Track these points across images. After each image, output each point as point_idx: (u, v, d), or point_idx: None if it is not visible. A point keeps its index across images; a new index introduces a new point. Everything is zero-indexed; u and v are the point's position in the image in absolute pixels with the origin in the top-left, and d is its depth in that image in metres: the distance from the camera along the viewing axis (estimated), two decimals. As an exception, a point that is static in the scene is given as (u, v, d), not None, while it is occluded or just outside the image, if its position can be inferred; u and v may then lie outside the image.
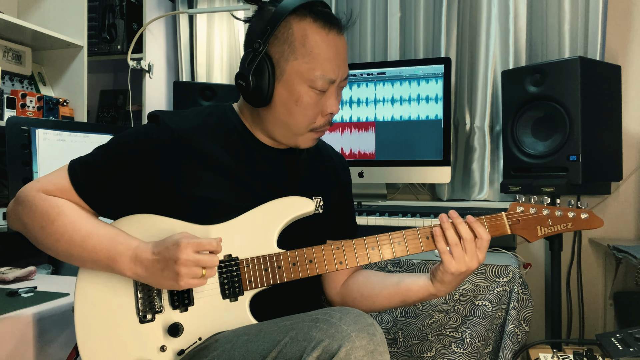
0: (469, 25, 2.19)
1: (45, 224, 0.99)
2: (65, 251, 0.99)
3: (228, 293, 1.01)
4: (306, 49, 1.01)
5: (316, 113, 1.06)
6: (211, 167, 1.05)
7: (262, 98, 1.04)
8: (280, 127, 1.07)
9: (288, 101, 1.04)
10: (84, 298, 1.01)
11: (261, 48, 1.02)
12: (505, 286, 1.42)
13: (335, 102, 1.07)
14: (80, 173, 1.04)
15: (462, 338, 1.42)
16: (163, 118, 1.06)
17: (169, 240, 0.95)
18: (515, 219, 1.07)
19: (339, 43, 1.05)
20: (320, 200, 1.17)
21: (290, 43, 1.02)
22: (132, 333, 0.99)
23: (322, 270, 1.03)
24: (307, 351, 0.82)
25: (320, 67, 1.02)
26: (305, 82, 1.02)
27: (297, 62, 1.02)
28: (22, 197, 1.02)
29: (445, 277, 1.04)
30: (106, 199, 1.04)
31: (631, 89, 2.03)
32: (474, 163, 2.14)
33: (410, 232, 1.06)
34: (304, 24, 1.02)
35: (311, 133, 1.08)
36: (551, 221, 1.06)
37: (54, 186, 1.03)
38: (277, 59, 1.02)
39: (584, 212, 1.05)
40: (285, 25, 1.02)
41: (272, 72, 1.02)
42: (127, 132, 1.09)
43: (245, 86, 1.04)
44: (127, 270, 0.96)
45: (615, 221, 2.04)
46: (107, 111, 2.65)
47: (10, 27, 1.90)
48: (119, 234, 0.99)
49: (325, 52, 1.02)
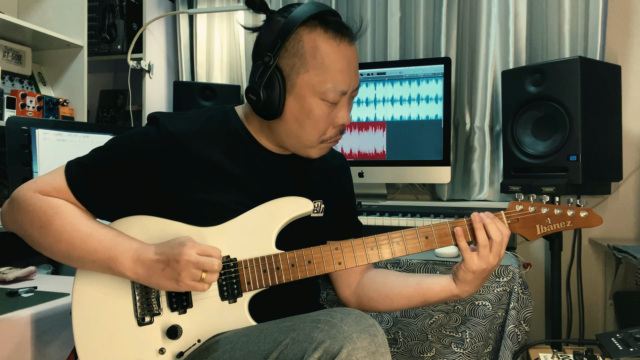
0: (469, 25, 2.19)
1: (44, 224, 0.98)
2: (65, 251, 0.98)
3: (227, 295, 1.01)
4: (317, 61, 1.00)
5: (327, 125, 1.05)
6: (210, 170, 1.05)
7: (273, 111, 1.03)
8: (291, 138, 1.07)
9: (299, 114, 1.03)
10: (81, 301, 1.01)
11: (272, 62, 1.00)
12: (505, 286, 1.41)
13: (347, 113, 1.06)
14: (77, 174, 1.03)
15: (462, 338, 1.42)
16: (162, 121, 1.05)
17: (173, 241, 0.95)
18: (514, 217, 1.07)
19: (350, 53, 1.03)
20: (321, 203, 1.17)
21: (300, 55, 1.00)
22: (130, 336, 0.99)
23: (320, 271, 1.03)
24: (308, 352, 0.82)
25: (332, 79, 1.01)
26: (316, 94, 1.01)
27: (307, 75, 1.01)
28: (18, 198, 1.01)
29: (467, 275, 1.04)
30: (103, 201, 1.04)
31: (631, 89, 2.03)
32: (474, 163, 2.14)
33: (409, 231, 1.06)
34: (314, 35, 1.00)
35: (322, 144, 1.08)
36: (550, 219, 1.06)
37: (50, 187, 1.02)
38: (287, 72, 1.01)
39: (583, 210, 1.05)
40: (295, 37, 1.00)
41: (283, 86, 1.01)
42: (126, 134, 1.08)
43: (255, 100, 1.03)
44: (127, 270, 0.96)
45: (615, 221, 2.04)
46: (107, 111, 2.65)
47: (10, 27, 1.90)
48: (120, 235, 0.99)
49: (337, 64, 1.01)
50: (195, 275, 0.92)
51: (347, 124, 1.07)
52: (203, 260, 0.91)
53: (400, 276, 1.17)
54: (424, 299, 1.12)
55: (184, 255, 0.91)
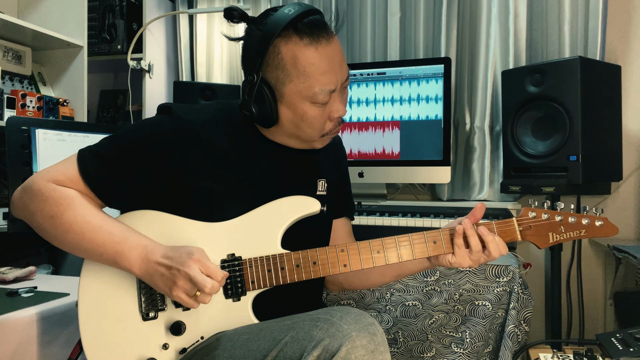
0: (469, 25, 2.19)
1: (56, 214, 0.98)
2: (73, 242, 0.99)
3: (231, 293, 1.01)
4: (299, 70, 1.00)
5: (324, 121, 1.07)
6: (221, 159, 1.06)
7: (268, 122, 1.06)
8: (292, 138, 1.10)
9: (294, 119, 1.05)
10: (87, 295, 1.01)
11: (256, 80, 1.02)
12: (505, 286, 1.41)
13: (341, 106, 1.07)
14: (90, 163, 1.03)
15: (462, 338, 1.42)
16: (176, 109, 1.07)
17: (184, 249, 0.95)
18: (526, 224, 1.04)
19: (330, 51, 1.02)
20: (325, 182, 1.19)
21: (282, 68, 1.01)
22: (135, 330, 1.00)
23: (325, 272, 1.03)
24: (307, 350, 0.83)
25: (318, 83, 1.01)
26: (306, 99, 1.03)
27: (293, 84, 1.02)
28: (31, 187, 1.01)
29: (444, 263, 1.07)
30: (115, 190, 1.04)
31: (631, 89, 2.03)
32: (474, 163, 2.14)
33: (417, 235, 1.05)
34: (291, 45, 1.00)
35: (324, 137, 1.10)
36: (564, 228, 1.02)
37: (64, 176, 1.02)
38: (273, 84, 1.03)
39: (599, 220, 1.01)
40: (273, 51, 1.01)
41: (273, 97, 1.03)
42: (139, 123, 1.10)
43: (249, 115, 1.06)
44: (134, 265, 0.96)
45: (615, 221, 2.00)
46: (107, 111, 2.66)
47: (10, 27, 1.90)
48: (129, 230, 0.99)
49: (319, 67, 1.01)
50: (189, 291, 0.92)
51: (343, 115, 1.09)
52: (202, 281, 0.91)
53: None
54: (398, 273, 1.17)
55: (187, 267, 0.91)
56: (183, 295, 0.92)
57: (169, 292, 0.93)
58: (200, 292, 0.91)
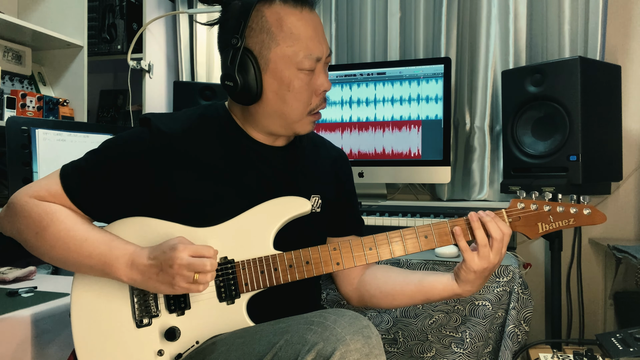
0: (469, 25, 2.18)
1: (39, 230, 0.98)
2: (61, 257, 0.98)
3: (224, 296, 1.00)
4: (285, 32, 1.00)
5: (310, 94, 1.05)
6: (204, 168, 1.05)
7: (252, 94, 1.03)
8: (276, 118, 1.06)
9: (280, 89, 1.03)
10: (80, 303, 1.01)
11: (239, 43, 1.00)
12: (505, 286, 1.41)
13: (326, 79, 1.07)
14: (72, 178, 1.02)
15: (462, 338, 1.42)
16: (154, 121, 1.05)
17: (165, 244, 0.94)
18: (515, 215, 1.05)
19: (314, 19, 1.03)
20: (318, 199, 1.16)
21: (267, 30, 1.00)
22: (129, 338, 0.99)
23: (319, 271, 1.03)
24: (301, 354, 0.82)
25: (305, 47, 1.01)
26: (292, 65, 1.01)
27: (280, 48, 1.01)
28: (14, 204, 1.01)
29: (469, 275, 1.03)
30: (99, 204, 1.03)
31: (631, 89, 2.03)
32: (474, 163, 2.14)
33: (408, 231, 1.05)
34: (275, 8, 1.01)
35: (309, 117, 1.07)
36: (552, 217, 1.04)
37: (46, 192, 1.01)
38: (258, 50, 1.01)
39: (587, 208, 1.03)
40: (257, 15, 1.00)
41: (257, 65, 1.01)
42: (119, 136, 1.07)
43: (233, 86, 1.02)
44: (123, 275, 0.96)
45: (615, 221, 2.04)
46: (107, 111, 2.65)
47: (10, 27, 1.89)
48: (114, 239, 0.99)
49: (305, 31, 1.01)
50: (189, 278, 0.91)
51: (328, 89, 1.07)
52: (195, 262, 0.91)
53: (401, 273, 1.17)
54: (426, 297, 1.11)
55: (176, 259, 0.90)
56: (185, 284, 0.92)
57: (171, 288, 0.93)
58: (201, 272, 0.91)
